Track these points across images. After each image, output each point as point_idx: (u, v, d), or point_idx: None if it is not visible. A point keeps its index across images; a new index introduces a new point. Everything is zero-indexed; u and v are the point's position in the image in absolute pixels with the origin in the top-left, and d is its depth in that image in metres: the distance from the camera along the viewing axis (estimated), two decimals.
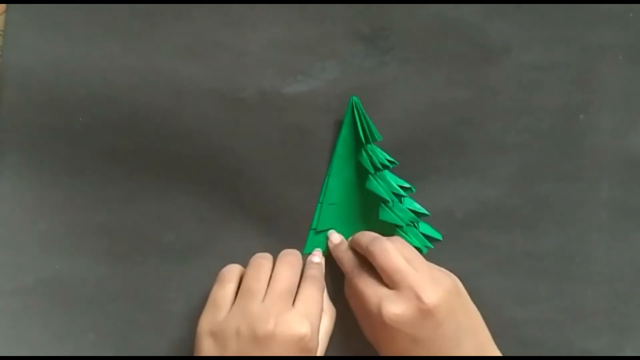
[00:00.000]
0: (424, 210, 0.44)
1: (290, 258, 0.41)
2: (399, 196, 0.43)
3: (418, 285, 0.37)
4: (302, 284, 0.40)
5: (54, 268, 0.44)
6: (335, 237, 0.44)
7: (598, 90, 0.45)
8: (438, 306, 0.37)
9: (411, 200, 0.44)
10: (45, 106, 0.44)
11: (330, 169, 0.44)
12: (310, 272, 0.42)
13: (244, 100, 0.44)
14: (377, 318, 0.37)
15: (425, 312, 0.36)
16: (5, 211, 0.44)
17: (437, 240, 0.44)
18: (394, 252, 0.38)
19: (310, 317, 0.38)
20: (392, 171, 0.44)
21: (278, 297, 0.38)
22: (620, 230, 0.44)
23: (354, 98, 0.43)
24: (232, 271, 0.40)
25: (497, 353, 0.38)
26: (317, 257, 0.44)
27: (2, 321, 0.43)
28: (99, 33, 0.44)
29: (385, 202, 0.43)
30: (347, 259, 0.42)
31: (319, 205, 0.44)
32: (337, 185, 0.44)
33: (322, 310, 0.40)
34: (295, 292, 0.39)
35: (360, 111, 0.43)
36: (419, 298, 0.36)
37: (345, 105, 0.44)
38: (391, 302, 0.37)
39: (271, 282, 0.39)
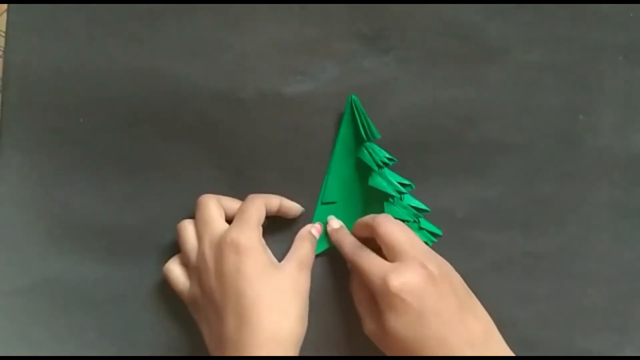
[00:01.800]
0: (424, 206, 0.44)
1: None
2: (399, 193, 0.43)
3: (421, 256, 0.38)
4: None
5: (54, 268, 0.44)
6: (335, 222, 0.44)
7: (598, 90, 0.45)
8: (442, 275, 0.37)
9: (411, 197, 0.44)
10: (46, 106, 0.44)
11: (330, 167, 0.44)
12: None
13: (244, 100, 0.44)
14: (381, 291, 0.37)
15: (430, 280, 0.37)
16: (5, 211, 0.44)
17: (438, 235, 0.44)
18: (399, 225, 0.40)
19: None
20: (392, 169, 0.44)
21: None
22: (620, 230, 0.44)
23: (353, 96, 0.43)
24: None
25: (503, 342, 0.38)
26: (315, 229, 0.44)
27: (2, 321, 0.43)
28: (100, 33, 0.44)
29: (390, 197, 0.43)
30: (347, 241, 0.42)
31: (319, 203, 0.44)
32: (336, 183, 0.44)
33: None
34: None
35: (359, 109, 0.43)
36: (424, 267, 0.37)
37: (345, 105, 0.44)
38: (397, 272, 0.37)
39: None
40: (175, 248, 0.44)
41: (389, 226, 0.39)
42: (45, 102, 0.44)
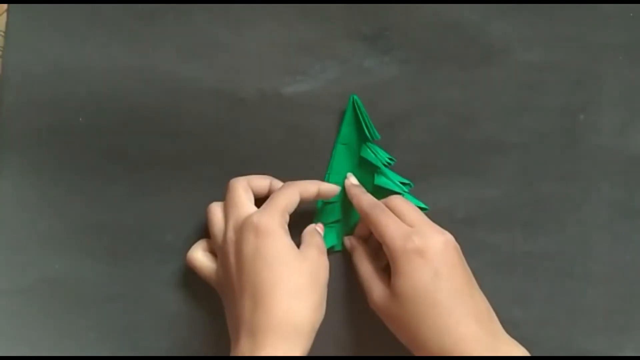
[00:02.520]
0: (423, 205, 0.44)
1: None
2: (403, 192, 0.44)
3: (438, 227, 0.39)
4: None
5: (54, 268, 0.44)
6: (353, 179, 0.44)
7: (598, 90, 0.44)
8: (457, 247, 0.39)
9: (410, 196, 0.44)
10: (46, 106, 0.44)
11: (330, 167, 0.44)
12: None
13: (244, 100, 0.44)
14: (400, 249, 0.37)
15: (449, 245, 0.38)
16: (6, 211, 0.44)
17: None
18: (412, 204, 0.41)
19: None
20: (392, 169, 0.44)
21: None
22: (621, 230, 0.44)
23: (354, 96, 0.43)
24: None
25: (498, 324, 0.38)
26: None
27: (2, 321, 0.43)
28: (99, 33, 0.44)
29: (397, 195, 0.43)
30: (365, 198, 0.42)
31: (319, 203, 0.44)
32: (337, 183, 0.44)
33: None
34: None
35: (360, 109, 0.43)
36: (443, 233, 0.39)
37: (346, 105, 0.44)
38: (419, 233, 0.38)
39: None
40: (174, 248, 0.44)
41: (403, 201, 0.41)
42: (45, 102, 0.44)
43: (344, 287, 0.44)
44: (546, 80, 0.44)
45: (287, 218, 0.40)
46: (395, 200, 0.41)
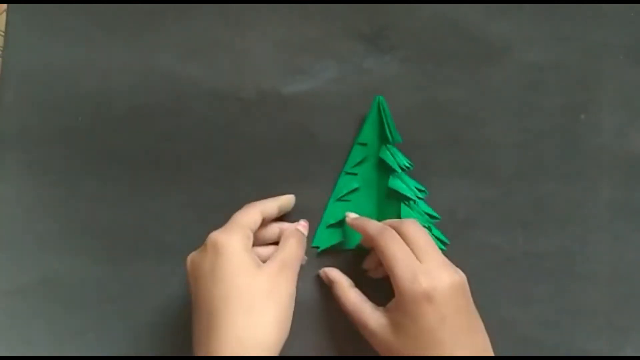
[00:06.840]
0: (435, 214, 0.43)
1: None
2: (417, 198, 0.43)
3: (449, 262, 0.38)
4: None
5: (54, 268, 0.44)
6: (352, 214, 0.43)
7: (599, 89, 0.44)
8: (465, 286, 0.37)
9: (424, 204, 0.44)
10: (45, 106, 0.44)
11: (346, 166, 0.44)
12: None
13: (244, 100, 0.44)
14: (409, 290, 0.36)
15: (457, 287, 0.37)
16: (5, 211, 0.44)
17: (445, 244, 0.44)
18: (425, 230, 0.39)
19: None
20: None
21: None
22: (621, 230, 0.44)
23: (380, 97, 0.43)
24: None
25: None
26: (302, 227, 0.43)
27: (2, 321, 0.43)
28: (99, 33, 0.44)
29: (408, 200, 0.42)
30: (372, 224, 0.40)
31: (331, 201, 0.44)
32: (349, 181, 0.44)
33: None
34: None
35: (385, 111, 0.43)
36: (454, 273, 0.37)
37: (346, 104, 0.44)
38: (426, 272, 0.36)
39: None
40: (174, 248, 0.44)
41: (416, 227, 0.39)
42: (44, 102, 0.44)
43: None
44: (547, 80, 0.44)
45: (250, 235, 0.39)
46: (408, 225, 0.39)
